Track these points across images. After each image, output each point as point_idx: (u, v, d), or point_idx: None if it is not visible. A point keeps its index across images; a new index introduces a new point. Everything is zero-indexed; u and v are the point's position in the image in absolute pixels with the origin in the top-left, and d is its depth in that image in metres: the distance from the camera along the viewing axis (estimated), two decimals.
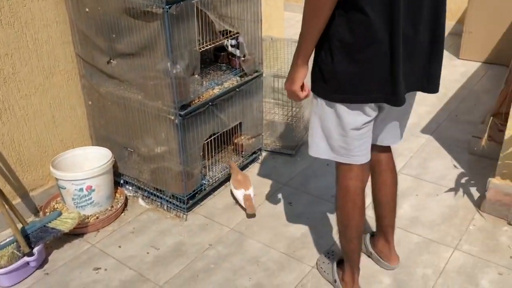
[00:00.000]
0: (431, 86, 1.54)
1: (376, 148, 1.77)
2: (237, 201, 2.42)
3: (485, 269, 1.98)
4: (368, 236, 2.05)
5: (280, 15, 3.78)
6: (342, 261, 1.89)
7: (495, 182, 2.33)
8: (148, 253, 2.13)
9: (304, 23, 1.38)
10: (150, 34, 2.00)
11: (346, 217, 1.72)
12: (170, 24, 1.92)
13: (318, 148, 1.65)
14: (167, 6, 1.88)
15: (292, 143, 2.89)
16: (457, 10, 4.64)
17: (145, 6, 1.94)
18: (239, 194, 2.38)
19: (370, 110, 1.52)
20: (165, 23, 1.91)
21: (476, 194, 2.44)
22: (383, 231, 1.96)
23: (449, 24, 4.72)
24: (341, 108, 1.50)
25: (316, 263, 2.03)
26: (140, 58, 2.10)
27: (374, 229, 2.03)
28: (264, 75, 2.73)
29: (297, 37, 1.44)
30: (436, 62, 1.51)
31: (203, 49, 2.15)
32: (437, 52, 1.50)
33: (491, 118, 2.66)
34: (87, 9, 2.14)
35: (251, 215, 2.34)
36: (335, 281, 1.89)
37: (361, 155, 1.63)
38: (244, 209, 2.36)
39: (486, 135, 2.35)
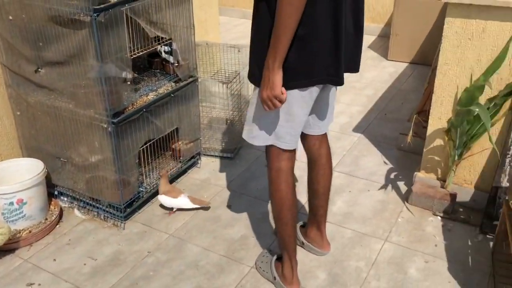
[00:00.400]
0: (357, 68, 1.75)
1: (318, 142, 1.91)
2: (166, 208, 2.43)
3: (412, 258, 2.11)
4: (298, 226, 2.15)
5: (216, 20, 3.82)
6: (280, 258, 1.95)
7: (420, 175, 2.48)
8: (85, 264, 2.09)
9: (280, 27, 1.44)
10: (78, 42, 1.97)
11: (281, 199, 1.79)
12: (99, 31, 1.90)
13: (261, 136, 1.74)
14: (95, 14, 1.86)
15: (231, 146, 2.93)
16: (384, 13, 4.87)
17: (72, 14, 1.91)
18: (183, 200, 2.37)
19: (315, 93, 1.66)
20: (94, 31, 1.89)
21: (404, 188, 2.59)
22: (317, 220, 2.06)
23: (378, 27, 4.95)
24: (293, 94, 1.60)
25: (255, 263, 2.08)
26: (69, 66, 2.07)
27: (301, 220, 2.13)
28: (200, 80, 2.75)
29: (234, 42, 1.48)
30: (360, 48, 1.74)
31: (134, 56, 2.14)
32: (360, 41, 1.73)
33: (416, 115, 2.83)
34: (10, 17, 2.08)
35: (208, 207, 2.42)
36: (275, 278, 1.95)
37: (297, 140, 1.78)
38: (200, 208, 2.40)
39: (411, 132, 2.50)
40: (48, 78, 2.16)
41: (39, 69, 2.17)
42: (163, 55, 2.46)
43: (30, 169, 2.28)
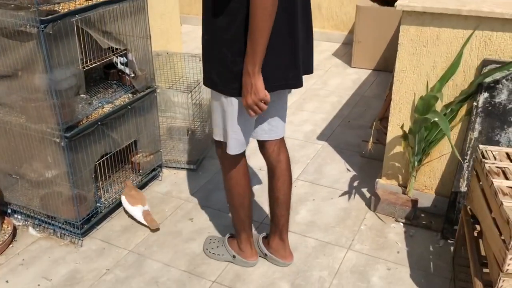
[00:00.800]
0: (311, 69, 1.81)
1: (276, 148, 1.92)
2: (134, 219, 2.36)
3: (375, 265, 2.10)
4: (260, 238, 2.14)
5: (177, 29, 3.78)
6: (232, 236, 2.07)
7: (381, 182, 2.49)
8: (39, 285, 2.00)
9: (257, 31, 1.47)
10: (26, 54, 1.90)
11: (236, 184, 1.90)
12: (47, 43, 1.84)
13: (232, 142, 1.78)
14: (43, 26, 1.80)
15: (194, 157, 2.88)
16: (348, 21, 4.93)
17: (18, 26, 1.84)
18: (137, 210, 2.32)
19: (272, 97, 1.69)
20: (42, 42, 1.82)
21: (367, 195, 2.59)
22: (279, 230, 2.04)
23: (341, 34, 5.00)
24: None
25: (204, 251, 2.14)
26: (18, 80, 1.99)
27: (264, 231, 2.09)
28: (159, 90, 2.70)
29: (198, 50, 1.49)
30: (311, 51, 1.80)
31: (87, 68, 2.08)
32: (312, 44, 1.79)
33: (378, 122, 2.85)
34: None
35: (155, 230, 2.30)
36: (234, 256, 2.03)
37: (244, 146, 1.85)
38: (146, 226, 2.31)
39: (371, 139, 2.51)
40: None
41: None
42: (119, 66, 2.41)
43: None
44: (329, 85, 4.01)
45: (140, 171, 2.59)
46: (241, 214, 1.97)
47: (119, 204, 2.47)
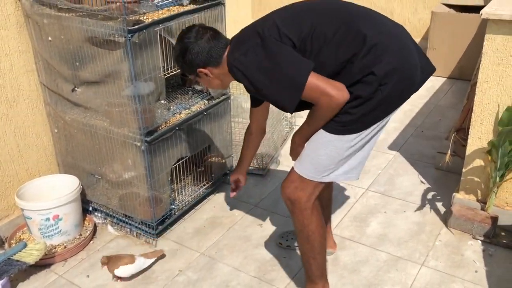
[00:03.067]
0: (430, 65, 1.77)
1: None
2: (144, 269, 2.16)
3: (451, 284, 2.02)
4: None
5: None
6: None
7: (459, 197, 2.39)
8: (118, 280, 2.10)
9: (319, 120, 1.61)
10: (113, 62, 2.00)
11: (317, 227, 1.78)
12: (133, 52, 1.93)
13: (329, 175, 1.72)
14: (130, 35, 1.89)
15: (263, 164, 2.91)
16: (421, 27, 4.77)
17: (107, 35, 1.95)
18: (141, 261, 2.11)
19: None
20: (128, 51, 1.92)
21: (442, 209, 2.49)
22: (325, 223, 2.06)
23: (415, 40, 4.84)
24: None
25: (279, 243, 2.27)
26: (104, 86, 2.10)
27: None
28: (232, 96, 2.75)
29: None
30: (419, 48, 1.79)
31: (168, 75, 2.16)
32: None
33: (455, 133, 2.74)
34: (50, 38, 2.14)
35: (163, 256, 2.24)
36: None
37: None
38: (156, 261, 2.20)
39: (449, 151, 2.42)
40: (84, 96, 2.21)
41: (76, 88, 2.22)
42: None
43: (66, 185, 2.33)
44: None
45: (213, 175, 2.65)
46: (320, 259, 1.84)
47: (192, 207, 2.54)
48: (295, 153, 1.78)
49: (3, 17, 2.13)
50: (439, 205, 2.53)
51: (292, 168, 1.76)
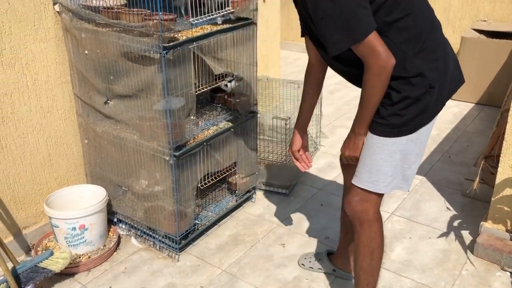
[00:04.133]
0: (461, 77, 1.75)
1: None
2: None
3: None
4: (325, 255, 2.22)
5: (277, 55, 3.87)
6: (331, 253, 2.20)
7: (487, 226, 2.34)
8: None
9: (369, 100, 1.53)
10: (147, 77, 2.05)
11: (381, 242, 1.77)
12: (167, 68, 1.97)
13: (390, 183, 1.68)
14: (164, 52, 1.93)
15: (286, 182, 2.91)
16: None
17: (143, 51, 1.99)
18: None
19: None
20: (162, 67, 1.96)
21: (468, 238, 2.44)
22: (347, 247, 2.08)
23: None
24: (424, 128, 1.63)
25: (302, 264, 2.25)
26: (136, 100, 2.15)
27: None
28: (259, 114, 2.78)
29: (293, 75, 1.52)
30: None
31: (199, 92, 2.20)
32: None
33: (484, 160, 2.69)
34: (86, 52, 2.20)
35: None
36: (334, 270, 2.15)
37: None
38: None
39: (478, 178, 2.38)
40: (116, 109, 2.25)
41: (108, 101, 2.27)
42: (228, 89, 2.50)
43: (94, 195, 2.37)
44: None
45: (237, 191, 2.66)
46: (377, 278, 1.82)
47: (215, 223, 2.55)
48: (356, 147, 1.66)
49: (44, 30, 2.20)
50: (465, 233, 2.48)
51: (352, 184, 1.72)
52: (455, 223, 2.55)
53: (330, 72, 1.81)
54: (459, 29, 4.60)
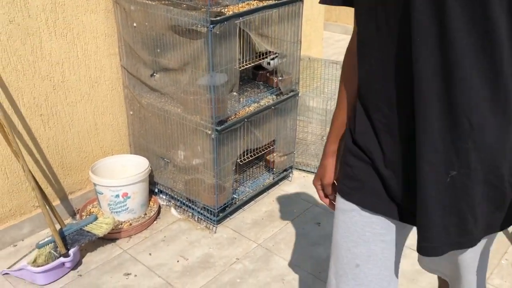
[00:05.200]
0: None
1: None
2: None
3: None
4: None
5: (320, 35, 3.83)
6: None
7: None
8: (178, 261, 2.18)
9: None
10: (193, 51, 2.08)
11: None
12: (213, 42, 1.99)
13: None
14: (211, 26, 1.96)
15: None
16: None
17: (190, 25, 2.02)
18: None
19: (376, 226, 1.10)
20: (209, 41, 1.98)
21: (510, 228, 2.39)
22: None
23: None
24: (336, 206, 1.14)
25: None
26: (182, 73, 2.19)
27: None
28: (300, 94, 2.77)
29: (335, 57, 1.42)
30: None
31: (242, 68, 2.21)
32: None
33: None
34: (135, 24, 2.25)
35: None
36: None
37: None
38: None
39: None
40: (161, 82, 2.30)
41: (154, 74, 2.32)
42: (270, 66, 2.51)
43: (136, 165, 2.45)
44: None
45: (274, 169, 2.68)
46: None
47: (252, 198, 2.59)
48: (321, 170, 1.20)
49: (94, 2, 2.26)
50: None
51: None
52: None
53: None
54: None
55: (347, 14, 5.32)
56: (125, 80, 2.47)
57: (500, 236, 2.33)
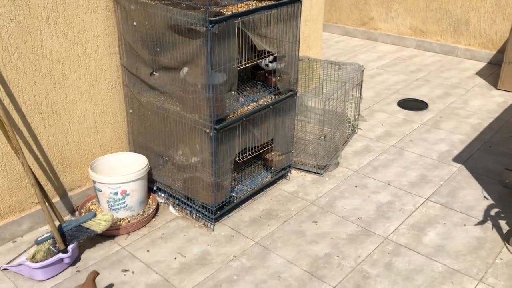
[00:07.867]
0: None
1: None
2: None
3: None
4: None
5: (319, 36, 3.85)
6: None
7: None
8: (175, 258, 2.20)
9: None
10: (192, 50, 2.10)
11: None
12: (212, 42, 2.01)
13: None
14: (210, 25, 1.98)
15: (322, 163, 2.93)
16: (497, 40, 4.59)
17: (189, 24, 2.04)
18: None
19: None
20: (208, 41, 2.00)
21: (505, 228, 2.41)
22: None
23: (488, 53, 4.67)
24: None
25: None
26: (181, 72, 2.20)
27: None
28: (298, 94, 2.79)
29: (334, 58, 1.44)
30: None
31: (241, 67, 2.24)
32: None
33: None
34: (135, 23, 2.27)
35: None
36: None
37: None
38: None
39: None
40: (161, 81, 2.32)
41: (154, 72, 2.34)
42: (269, 67, 2.53)
43: (135, 163, 2.47)
44: (470, 105, 3.78)
45: (272, 168, 2.70)
46: None
47: (250, 197, 2.61)
48: None
49: (95, 1, 2.28)
50: (502, 222, 2.45)
51: None
52: (492, 212, 2.52)
53: (371, 55, 1.80)
54: (510, 16, 4.44)
55: (348, 15, 5.35)
56: (125, 78, 2.49)
57: (495, 235, 2.35)
